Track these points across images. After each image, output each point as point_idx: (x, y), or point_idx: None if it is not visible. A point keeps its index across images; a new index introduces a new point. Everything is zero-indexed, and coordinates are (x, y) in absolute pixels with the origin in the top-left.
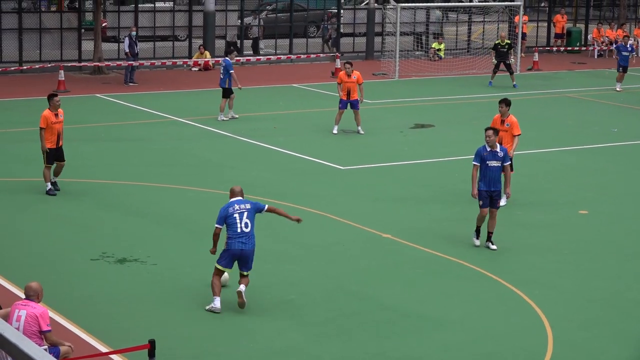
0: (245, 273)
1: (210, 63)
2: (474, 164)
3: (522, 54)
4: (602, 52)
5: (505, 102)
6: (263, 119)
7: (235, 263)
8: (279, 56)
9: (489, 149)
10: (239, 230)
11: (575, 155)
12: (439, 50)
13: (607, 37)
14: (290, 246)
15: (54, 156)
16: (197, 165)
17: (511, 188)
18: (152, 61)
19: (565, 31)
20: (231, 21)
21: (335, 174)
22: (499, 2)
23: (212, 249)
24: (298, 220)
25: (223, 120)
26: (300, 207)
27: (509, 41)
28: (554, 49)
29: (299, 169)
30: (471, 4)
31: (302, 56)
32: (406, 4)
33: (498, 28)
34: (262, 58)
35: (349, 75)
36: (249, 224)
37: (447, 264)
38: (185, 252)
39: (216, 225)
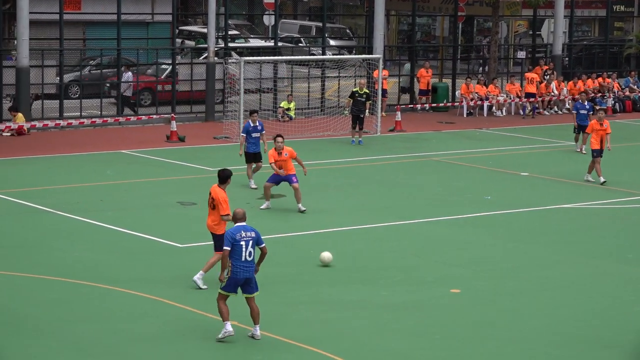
0: (251, 295)
1: (25, 127)
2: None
3: (383, 113)
4: (471, 110)
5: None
6: (88, 191)
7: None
8: (104, 119)
9: None
10: (243, 258)
11: (445, 227)
12: (288, 109)
13: (476, 93)
14: None
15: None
16: (7, 246)
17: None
18: None
19: (430, 87)
20: (49, 78)
21: (172, 252)
22: (355, 55)
23: (221, 276)
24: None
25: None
26: (134, 293)
27: (367, 91)
28: (419, 106)
29: (130, 248)
30: (324, 57)
31: (132, 118)
32: (250, 58)
33: (355, 84)
34: (86, 121)
35: (279, 154)
36: (252, 253)
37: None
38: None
39: (225, 248)
